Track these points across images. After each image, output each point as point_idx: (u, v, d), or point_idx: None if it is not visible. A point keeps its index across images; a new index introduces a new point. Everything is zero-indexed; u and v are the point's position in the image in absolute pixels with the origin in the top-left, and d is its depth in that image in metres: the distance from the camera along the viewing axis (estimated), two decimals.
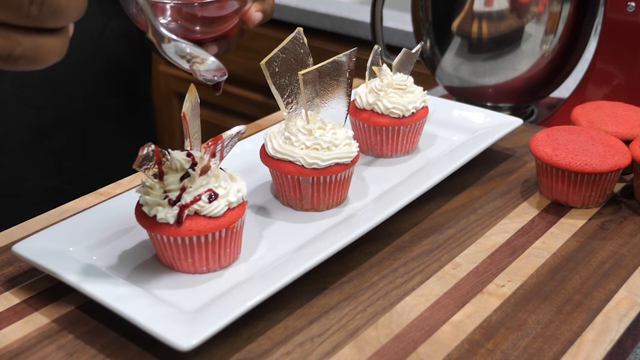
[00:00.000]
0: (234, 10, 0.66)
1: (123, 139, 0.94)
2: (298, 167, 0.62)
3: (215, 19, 0.65)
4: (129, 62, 0.94)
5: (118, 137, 0.94)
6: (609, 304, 0.55)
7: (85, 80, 0.88)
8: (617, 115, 0.75)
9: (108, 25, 0.87)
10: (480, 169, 0.76)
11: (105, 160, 0.92)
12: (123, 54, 0.92)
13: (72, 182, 0.89)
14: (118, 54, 0.91)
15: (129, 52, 0.93)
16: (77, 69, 0.86)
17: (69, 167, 0.89)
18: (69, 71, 0.86)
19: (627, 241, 0.63)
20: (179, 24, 0.64)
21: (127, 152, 0.87)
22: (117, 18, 0.89)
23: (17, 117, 0.83)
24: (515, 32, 0.84)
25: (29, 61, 0.41)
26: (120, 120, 0.94)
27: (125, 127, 0.95)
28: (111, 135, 0.93)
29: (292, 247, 0.60)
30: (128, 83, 0.95)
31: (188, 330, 0.48)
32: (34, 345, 0.51)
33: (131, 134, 0.96)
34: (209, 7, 0.64)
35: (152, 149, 0.51)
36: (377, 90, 0.73)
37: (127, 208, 0.62)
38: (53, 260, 0.55)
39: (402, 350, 0.50)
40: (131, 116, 0.96)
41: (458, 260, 0.60)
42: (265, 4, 0.69)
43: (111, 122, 0.93)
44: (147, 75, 1.00)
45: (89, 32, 0.86)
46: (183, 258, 0.55)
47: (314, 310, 0.54)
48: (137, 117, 0.98)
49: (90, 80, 0.88)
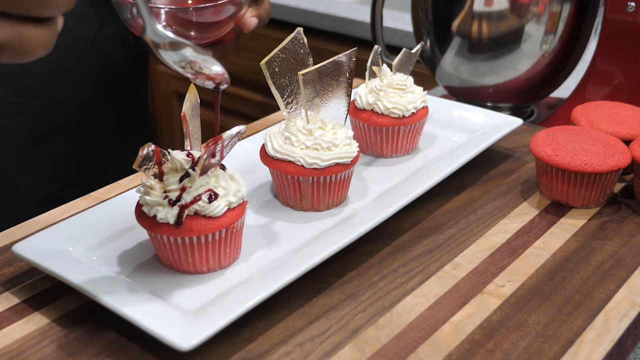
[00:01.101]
0: (229, 15, 0.65)
1: (119, 145, 0.94)
2: (298, 167, 0.62)
3: (211, 24, 0.64)
4: (124, 68, 0.94)
5: (114, 143, 0.94)
6: (609, 304, 0.55)
7: (81, 87, 0.87)
8: (617, 115, 0.75)
9: (101, 29, 0.87)
10: (480, 169, 0.76)
11: (101, 166, 0.92)
12: (118, 60, 0.92)
13: (67, 189, 0.88)
14: (113, 60, 0.91)
15: (124, 58, 0.93)
16: (72, 75, 0.86)
17: (64, 174, 0.88)
18: (64, 78, 0.85)
19: (627, 241, 0.63)
20: (174, 29, 0.63)
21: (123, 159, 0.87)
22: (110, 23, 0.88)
23: (11, 123, 0.83)
24: (515, 32, 0.84)
25: (11, 52, 0.39)
26: (116, 127, 0.94)
27: (122, 134, 0.95)
28: (107, 142, 0.93)
29: (292, 247, 0.60)
30: (124, 89, 0.95)
31: (188, 330, 0.48)
32: (34, 345, 0.51)
33: (127, 140, 0.95)
34: (204, 12, 0.63)
35: (152, 149, 0.51)
36: (377, 90, 0.73)
37: (127, 208, 0.62)
38: (53, 260, 0.55)
39: (402, 350, 0.50)
40: (127, 122, 0.96)
41: (458, 260, 0.60)
42: (260, 9, 0.69)
43: (107, 129, 0.92)
44: (144, 81, 1.00)
45: (84, 38, 0.86)
46: (183, 258, 0.55)
47: (314, 310, 0.54)
48: (133, 123, 0.98)
49: (86, 87, 0.88)
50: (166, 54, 0.53)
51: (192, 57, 0.54)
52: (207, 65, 0.54)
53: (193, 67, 0.54)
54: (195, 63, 0.54)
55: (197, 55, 0.53)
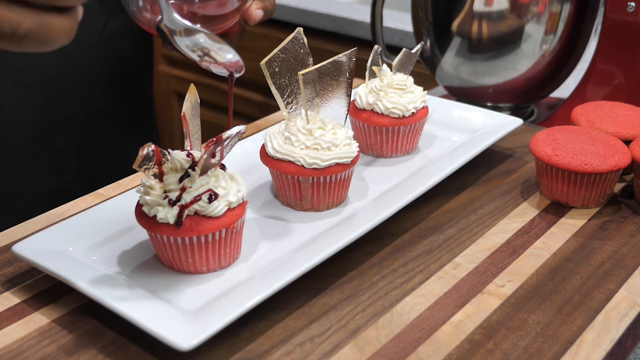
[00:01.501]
0: (234, 8, 0.65)
1: (125, 139, 0.94)
2: (298, 167, 0.62)
3: (216, 17, 0.65)
4: (131, 62, 0.94)
5: (120, 138, 0.94)
6: (609, 304, 0.55)
7: (88, 81, 0.88)
8: (617, 115, 0.75)
9: (108, 23, 0.87)
10: (480, 169, 0.76)
11: (107, 160, 0.92)
12: (125, 55, 0.92)
13: (75, 183, 0.89)
14: (120, 55, 0.91)
15: (130, 53, 0.93)
16: (79, 69, 0.86)
17: (71, 167, 0.89)
18: (72, 72, 0.85)
19: (627, 241, 0.63)
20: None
21: (129, 153, 0.86)
22: (117, 17, 0.89)
23: (19, 116, 0.83)
24: (515, 32, 0.84)
25: (34, 41, 0.39)
26: (122, 121, 0.94)
27: (128, 129, 0.95)
28: (113, 136, 0.93)
29: (292, 247, 0.60)
30: (131, 85, 0.95)
31: (188, 330, 0.48)
32: (34, 345, 0.51)
33: (133, 135, 0.96)
34: (209, 5, 0.63)
35: (152, 149, 0.51)
36: (377, 90, 0.73)
37: (127, 208, 0.62)
38: (53, 260, 0.55)
39: (402, 350, 0.50)
40: (133, 117, 0.96)
41: (458, 260, 0.60)
42: (266, 2, 0.69)
43: (114, 124, 0.93)
44: (150, 75, 1.00)
45: (91, 33, 0.86)
46: (183, 258, 0.55)
47: (314, 310, 0.54)
48: (140, 118, 0.98)
49: (93, 82, 0.88)
50: (181, 41, 0.54)
51: (207, 44, 0.54)
52: (221, 52, 0.54)
53: (207, 53, 0.54)
54: (210, 50, 0.54)
55: (212, 43, 0.54)
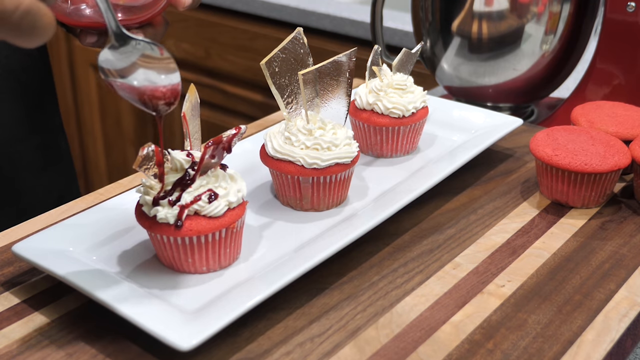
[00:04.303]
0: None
1: (38, 180, 0.87)
2: (298, 167, 0.62)
3: (142, 6, 0.58)
4: (32, 86, 0.84)
5: (32, 180, 0.87)
6: (609, 304, 0.55)
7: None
8: (617, 115, 0.75)
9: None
10: (480, 169, 0.76)
11: (20, 202, 0.86)
12: (15, 67, 0.82)
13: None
14: (10, 67, 0.82)
15: (32, 73, 0.83)
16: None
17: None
18: None
19: (627, 241, 0.63)
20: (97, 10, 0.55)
21: (45, 192, 0.80)
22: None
23: None
24: (515, 32, 0.84)
25: (32, 22, 0.38)
26: (32, 163, 0.86)
27: (40, 168, 0.88)
28: (23, 181, 0.86)
29: (292, 247, 0.60)
30: (36, 118, 0.85)
31: (188, 330, 0.48)
32: (34, 345, 0.51)
33: (46, 174, 0.89)
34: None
35: (152, 149, 0.51)
36: (377, 90, 0.73)
37: (127, 208, 0.62)
38: (53, 260, 0.55)
39: (402, 350, 0.50)
40: (45, 154, 0.88)
41: (458, 260, 0.60)
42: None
43: (21, 168, 0.85)
44: (53, 100, 0.89)
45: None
46: (183, 258, 0.55)
47: (314, 310, 0.54)
48: (51, 151, 0.90)
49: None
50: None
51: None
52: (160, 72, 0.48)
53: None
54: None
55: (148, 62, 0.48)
